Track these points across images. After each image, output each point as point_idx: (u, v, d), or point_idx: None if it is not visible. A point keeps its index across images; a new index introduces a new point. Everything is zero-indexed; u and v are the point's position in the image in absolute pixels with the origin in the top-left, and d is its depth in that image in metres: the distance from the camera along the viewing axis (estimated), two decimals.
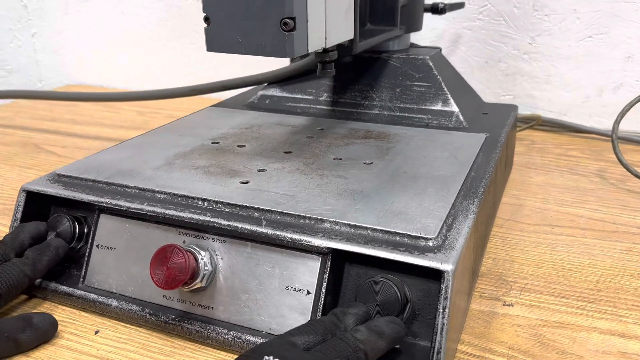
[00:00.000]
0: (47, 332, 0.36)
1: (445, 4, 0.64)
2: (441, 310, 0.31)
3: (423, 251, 0.33)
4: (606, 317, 0.38)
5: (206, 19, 0.40)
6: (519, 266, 0.44)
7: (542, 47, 0.73)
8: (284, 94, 0.63)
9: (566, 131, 0.74)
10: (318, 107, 0.61)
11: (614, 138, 0.58)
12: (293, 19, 0.37)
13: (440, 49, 0.63)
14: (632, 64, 0.71)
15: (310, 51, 0.40)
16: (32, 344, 0.35)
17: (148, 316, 0.37)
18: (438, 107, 0.57)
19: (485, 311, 0.39)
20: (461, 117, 0.55)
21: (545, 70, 0.74)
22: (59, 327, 0.37)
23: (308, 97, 0.62)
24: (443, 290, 0.31)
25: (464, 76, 0.78)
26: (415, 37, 0.75)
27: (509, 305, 0.39)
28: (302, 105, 0.62)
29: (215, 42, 0.40)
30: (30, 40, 1.05)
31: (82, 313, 0.39)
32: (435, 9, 0.65)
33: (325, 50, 0.46)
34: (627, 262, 0.44)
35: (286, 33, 0.37)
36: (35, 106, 0.91)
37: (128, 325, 0.38)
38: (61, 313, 0.39)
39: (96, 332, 0.37)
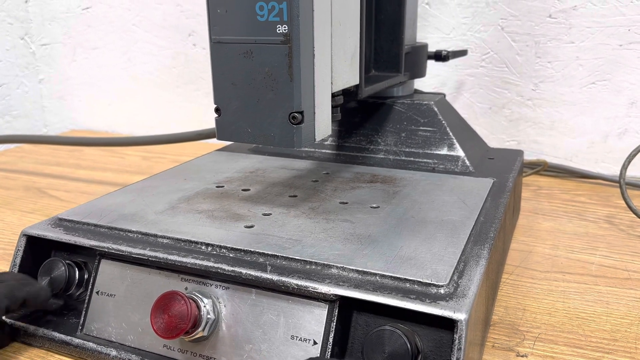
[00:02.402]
0: None
1: (448, 52, 0.65)
2: None
3: (435, 299, 0.31)
4: None
5: (217, 110, 0.41)
6: (532, 315, 0.43)
7: (546, 94, 0.74)
8: None
9: (573, 177, 0.73)
10: (323, 151, 0.61)
11: (622, 184, 0.57)
12: (301, 112, 0.38)
13: (444, 95, 0.64)
14: (636, 109, 0.71)
15: (317, 141, 0.41)
16: None
17: None
18: (444, 151, 0.56)
19: None
20: (467, 162, 0.55)
21: (550, 116, 0.75)
22: None
23: None
24: (456, 341, 0.30)
25: (468, 122, 0.79)
26: (419, 84, 0.75)
27: (523, 357, 0.38)
28: (307, 149, 0.61)
29: (226, 131, 0.41)
30: (37, 86, 1.07)
31: None
32: (439, 56, 0.66)
33: (332, 95, 0.46)
34: None
35: (294, 126, 0.38)
36: (39, 151, 0.91)
37: None
38: None
39: None
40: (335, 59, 0.43)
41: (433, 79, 0.79)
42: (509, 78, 0.75)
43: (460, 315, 0.30)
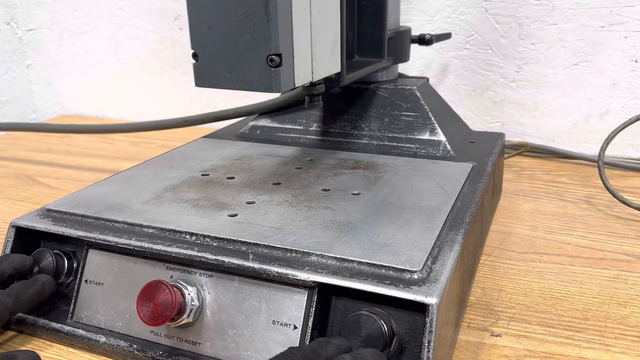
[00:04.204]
0: None
1: (432, 35, 0.66)
2: (426, 344, 0.31)
3: (408, 284, 0.33)
4: (593, 347, 0.38)
5: (194, 56, 0.41)
6: (507, 295, 0.44)
7: (529, 75, 0.75)
8: (275, 125, 0.64)
9: (555, 157, 0.74)
10: (308, 137, 0.62)
11: (600, 165, 0.59)
12: (279, 55, 0.38)
13: (427, 79, 0.64)
14: (617, 90, 0.72)
15: (296, 86, 0.41)
16: None
17: (136, 352, 0.37)
18: (426, 136, 0.57)
19: (473, 342, 0.39)
20: (448, 146, 0.56)
21: (533, 97, 0.75)
22: None
23: (298, 127, 0.62)
24: (428, 324, 0.31)
25: (453, 104, 0.79)
26: (404, 67, 0.76)
27: (496, 336, 0.39)
28: (292, 135, 0.62)
29: (204, 77, 0.41)
30: (25, 72, 1.06)
31: (70, 349, 0.39)
32: (422, 40, 0.66)
33: (313, 84, 0.47)
34: (615, 289, 0.45)
35: (272, 69, 0.38)
36: (29, 137, 0.91)
37: None
38: (49, 349, 0.39)
39: None
40: (316, 48, 0.43)
41: (418, 62, 0.79)
42: (492, 60, 0.76)
43: (431, 300, 0.32)
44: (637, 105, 0.72)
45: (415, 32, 0.72)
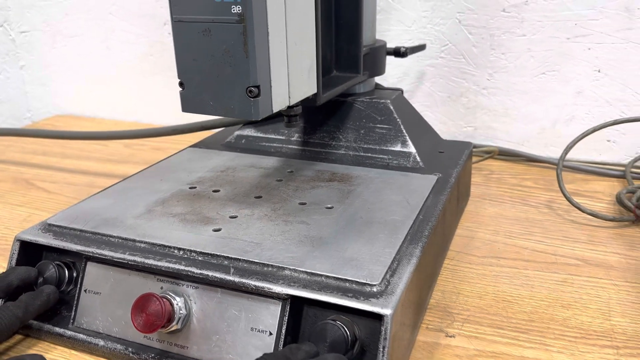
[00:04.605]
0: None
1: (406, 48, 0.70)
2: (381, 349, 0.36)
3: (367, 297, 0.38)
4: (534, 347, 0.43)
5: (181, 84, 0.45)
6: (464, 298, 0.49)
7: (500, 83, 0.79)
8: (259, 134, 0.68)
9: (523, 161, 0.79)
10: (290, 146, 0.66)
11: (559, 173, 0.63)
12: (257, 87, 0.42)
13: (402, 91, 0.69)
14: (582, 98, 0.77)
15: (274, 112, 0.45)
16: None
17: (131, 355, 0.42)
18: (397, 148, 0.62)
19: (430, 342, 0.44)
20: (418, 158, 0.60)
21: (503, 104, 0.80)
22: None
23: (281, 137, 0.67)
24: (383, 332, 0.36)
25: (429, 109, 0.84)
26: (384, 73, 0.80)
27: (451, 337, 0.44)
28: (275, 145, 0.67)
29: (190, 104, 0.45)
30: (19, 72, 1.10)
31: (73, 352, 0.44)
32: (398, 53, 0.70)
33: (290, 107, 0.51)
34: (562, 293, 0.50)
35: (252, 99, 0.43)
36: (25, 140, 0.95)
37: None
38: (53, 352, 0.44)
39: None
40: (293, 75, 0.48)
41: (396, 69, 0.83)
42: (466, 68, 0.80)
43: (386, 311, 0.36)
44: (600, 112, 0.77)
45: (393, 41, 0.77)
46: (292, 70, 0.47)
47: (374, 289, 0.38)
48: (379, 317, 0.37)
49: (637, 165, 0.76)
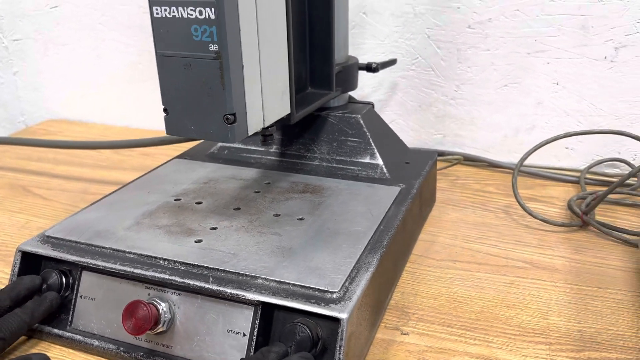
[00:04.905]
0: None
1: (377, 63, 0.75)
2: (338, 347, 0.42)
3: (328, 302, 0.44)
4: (477, 343, 0.49)
5: (165, 110, 0.50)
6: (421, 299, 0.55)
7: (466, 94, 0.85)
8: (240, 146, 0.73)
9: (487, 166, 0.85)
10: (269, 157, 0.71)
11: (514, 181, 0.69)
12: (234, 114, 0.48)
13: (372, 105, 0.74)
14: (542, 108, 0.83)
15: (250, 135, 0.51)
16: None
17: (122, 353, 0.47)
18: (367, 160, 0.67)
19: (386, 339, 0.50)
20: (385, 169, 0.66)
21: (470, 113, 0.86)
22: None
23: (260, 149, 0.72)
24: (339, 333, 0.42)
25: (402, 118, 0.90)
26: (360, 84, 0.86)
27: (405, 334, 0.50)
28: (255, 156, 0.72)
29: (173, 128, 0.50)
30: (12, 78, 1.14)
31: (71, 351, 0.49)
32: (369, 68, 0.76)
33: (265, 128, 0.57)
34: (508, 294, 0.56)
35: (228, 125, 0.48)
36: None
37: None
38: (54, 351, 0.49)
39: None
40: (267, 100, 0.53)
41: (372, 80, 0.89)
42: (435, 80, 0.86)
43: (342, 315, 0.42)
44: (559, 121, 0.83)
45: (368, 54, 0.82)
46: (266, 95, 0.53)
47: (334, 296, 0.44)
48: (337, 320, 0.43)
49: (593, 171, 0.82)
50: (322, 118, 0.71)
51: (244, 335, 0.45)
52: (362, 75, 0.76)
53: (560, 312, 0.53)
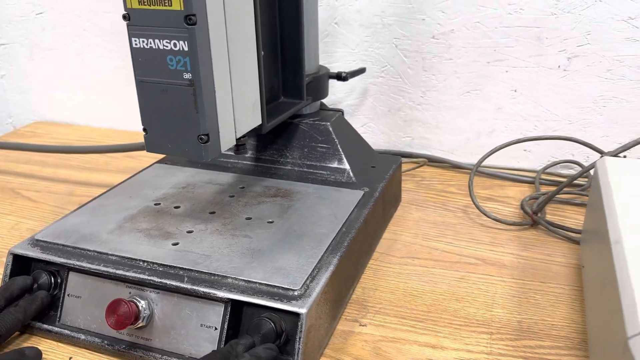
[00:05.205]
0: None
1: (347, 73, 0.80)
2: (298, 339, 0.48)
3: (290, 299, 0.49)
4: (426, 333, 0.55)
5: (145, 130, 0.55)
6: (380, 293, 0.61)
7: (431, 100, 0.90)
8: None
9: (451, 168, 0.91)
10: (244, 162, 0.76)
11: (470, 185, 0.75)
12: (207, 135, 0.52)
13: (342, 112, 0.79)
14: (501, 114, 0.88)
15: (223, 151, 0.56)
16: None
17: (106, 346, 0.53)
18: (335, 165, 0.73)
19: (346, 330, 0.55)
20: (351, 174, 0.72)
21: (435, 117, 0.91)
22: (43, 356, 0.52)
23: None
24: (299, 326, 0.48)
25: (372, 122, 0.95)
26: (332, 89, 0.91)
27: (363, 326, 0.56)
28: (232, 160, 0.77)
29: (152, 145, 0.55)
30: (0, 82, 1.18)
31: (60, 344, 0.54)
32: (340, 77, 0.81)
33: (237, 138, 0.62)
34: (458, 288, 0.62)
35: (202, 145, 0.53)
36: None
37: (93, 353, 0.53)
38: (44, 344, 0.54)
39: (70, 359, 0.53)
40: (238, 115, 0.58)
41: (344, 86, 0.94)
42: (402, 87, 0.91)
43: (302, 310, 0.48)
44: (517, 125, 0.88)
45: (340, 61, 0.87)
46: (238, 110, 0.57)
47: (296, 293, 0.50)
48: (297, 315, 0.48)
49: (549, 172, 0.88)
50: (295, 125, 0.76)
51: (216, 329, 0.50)
52: (336, 81, 0.81)
53: (504, 304, 0.59)
